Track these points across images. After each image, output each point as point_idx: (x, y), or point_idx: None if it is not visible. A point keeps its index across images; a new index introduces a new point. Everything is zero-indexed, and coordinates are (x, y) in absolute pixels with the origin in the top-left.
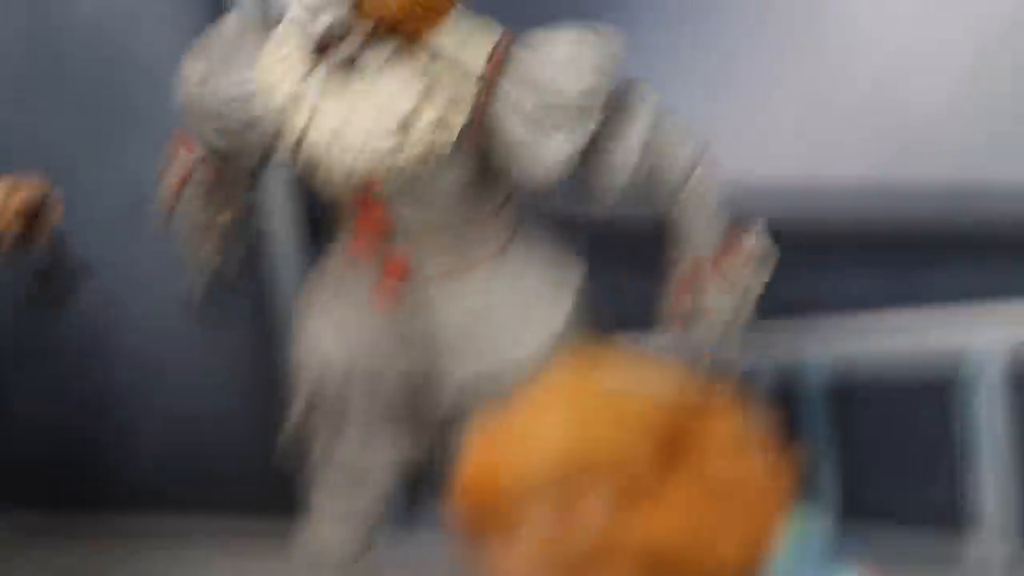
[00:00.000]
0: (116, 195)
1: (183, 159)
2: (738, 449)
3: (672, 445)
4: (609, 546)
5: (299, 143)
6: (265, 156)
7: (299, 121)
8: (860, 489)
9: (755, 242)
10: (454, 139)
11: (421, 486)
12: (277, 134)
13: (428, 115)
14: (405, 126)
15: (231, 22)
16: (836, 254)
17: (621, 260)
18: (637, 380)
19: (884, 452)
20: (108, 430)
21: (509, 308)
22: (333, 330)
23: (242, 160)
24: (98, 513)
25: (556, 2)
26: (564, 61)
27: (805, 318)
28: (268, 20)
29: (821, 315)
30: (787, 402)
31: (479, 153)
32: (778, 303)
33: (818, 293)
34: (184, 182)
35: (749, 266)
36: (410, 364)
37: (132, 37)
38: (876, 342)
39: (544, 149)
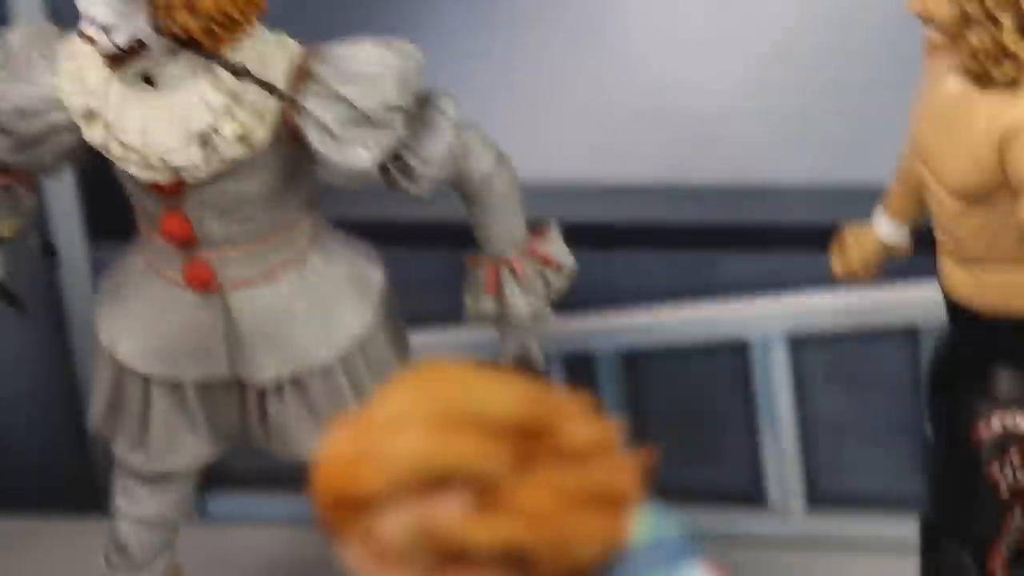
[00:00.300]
0: None
1: None
2: (589, 449)
3: (526, 448)
4: (466, 545)
5: (97, 155)
6: (57, 166)
7: (96, 134)
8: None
9: (553, 243)
10: (255, 152)
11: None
12: (71, 145)
13: (229, 129)
14: (205, 140)
15: (16, 34)
16: (626, 250)
17: (424, 258)
18: (489, 386)
19: (673, 435)
20: None
21: (311, 311)
22: (131, 333)
23: (32, 170)
24: None
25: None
26: (364, 76)
27: (598, 310)
28: (53, 30)
29: (613, 307)
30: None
31: (281, 165)
32: (572, 296)
33: (610, 287)
34: None
35: (548, 266)
36: (208, 369)
37: None
38: (665, 331)
39: (347, 160)
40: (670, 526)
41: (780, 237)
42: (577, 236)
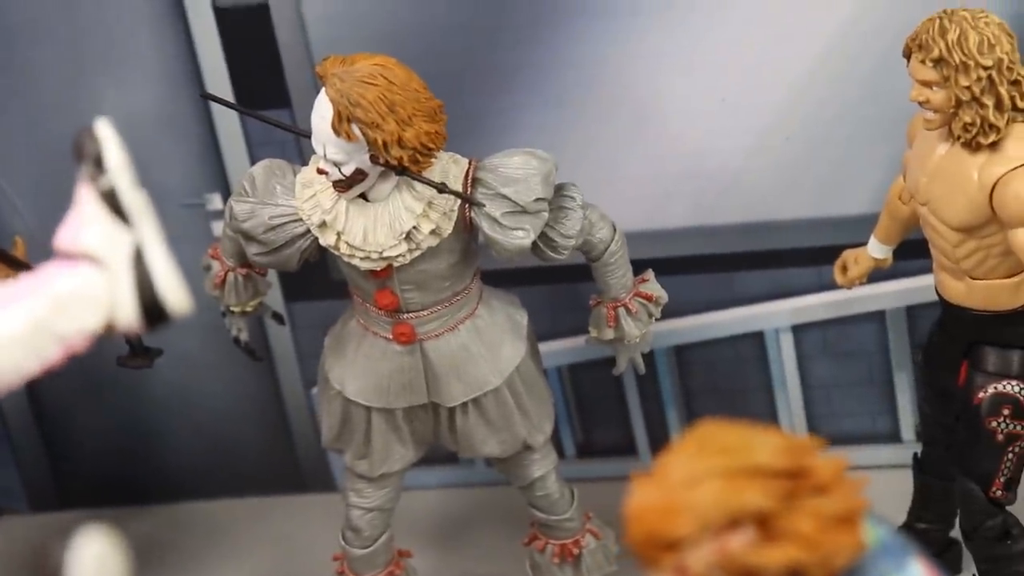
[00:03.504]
0: None
1: (217, 266)
2: (832, 480)
3: (790, 487)
4: (756, 569)
5: (333, 253)
6: (297, 265)
7: (330, 239)
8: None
9: (652, 284)
10: (442, 240)
11: None
12: (307, 248)
13: (426, 227)
14: (409, 236)
15: (259, 169)
16: (672, 275)
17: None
18: (753, 442)
19: (712, 402)
20: (150, 444)
21: (482, 351)
22: (355, 377)
23: (275, 268)
24: (148, 505)
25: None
26: (518, 179)
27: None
28: (285, 164)
29: (665, 316)
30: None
31: (459, 248)
32: None
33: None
34: (222, 282)
35: (649, 301)
36: (413, 399)
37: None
38: (704, 331)
39: (511, 241)
40: (887, 530)
41: (781, 258)
42: (637, 270)
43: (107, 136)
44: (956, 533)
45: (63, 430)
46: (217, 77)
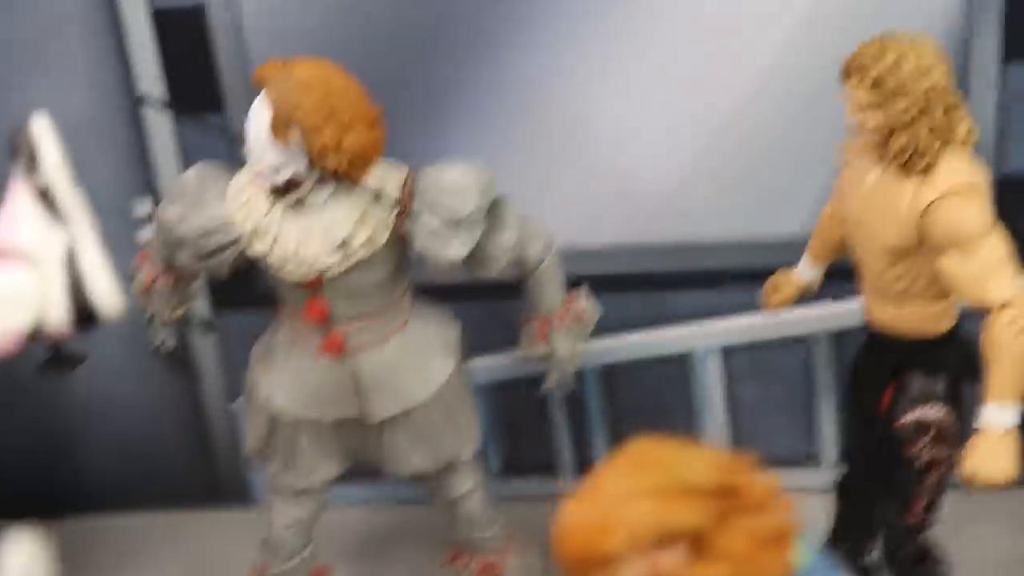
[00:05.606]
0: None
1: (145, 272)
2: (763, 498)
3: (722, 505)
4: None
5: (263, 262)
6: (228, 271)
7: (261, 247)
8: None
9: (584, 300)
10: (376, 251)
11: None
12: (237, 256)
13: (361, 236)
14: (343, 245)
15: (191, 173)
16: (602, 293)
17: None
18: (687, 460)
19: (638, 423)
20: (66, 455)
21: (412, 364)
22: (283, 388)
23: (205, 274)
24: (62, 519)
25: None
26: (455, 190)
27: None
28: (218, 170)
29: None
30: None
31: (392, 259)
32: None
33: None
34: (149, 288)
35: (580, 318)
36: (341, 412)
37: None
38: (633, 350)
39: (445, 252)
40: (817, 551)
41: (713, 278)
42: (568, 287)
43: (44, 132)
44: (874, 557)
45: None
46: (150, 80)
